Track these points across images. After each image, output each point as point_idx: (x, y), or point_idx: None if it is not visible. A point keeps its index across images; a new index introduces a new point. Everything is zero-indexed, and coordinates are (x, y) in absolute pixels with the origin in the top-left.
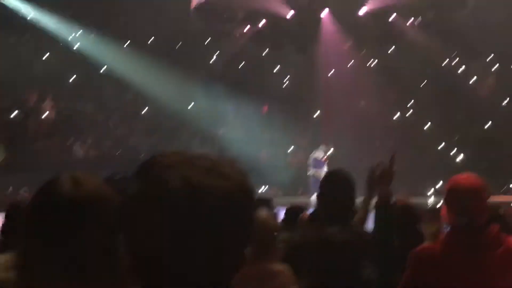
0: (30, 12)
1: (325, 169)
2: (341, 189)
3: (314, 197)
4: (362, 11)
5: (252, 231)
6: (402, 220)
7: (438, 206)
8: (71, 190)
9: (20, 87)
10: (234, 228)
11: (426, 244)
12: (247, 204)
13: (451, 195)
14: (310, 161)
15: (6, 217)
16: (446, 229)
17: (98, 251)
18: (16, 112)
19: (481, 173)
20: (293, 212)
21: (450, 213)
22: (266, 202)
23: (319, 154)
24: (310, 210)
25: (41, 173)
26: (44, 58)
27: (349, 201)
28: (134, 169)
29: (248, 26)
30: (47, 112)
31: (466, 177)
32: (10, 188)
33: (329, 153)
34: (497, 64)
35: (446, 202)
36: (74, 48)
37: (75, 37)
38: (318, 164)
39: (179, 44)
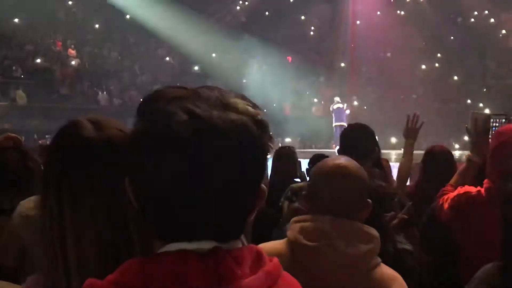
0: None
1: (345, 120)
2: (361, 142)
3: (337, 149)
4: None
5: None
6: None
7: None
8: (93, 132)
9: (45, 34)
10: (247, 164)
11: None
12: (261, 138)
13: (503, 151)
14: (332, 112)
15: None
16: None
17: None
18: (40, 58)
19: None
20: (319, 160)
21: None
22: (289, 152)
23: (339, 105)
24: None
25: (65, 120)
26: (68, 4)
27: (370, 152)
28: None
29: None
30: (71, 58)
31: None
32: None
33: (354, 104)
34: None
35: (493, 158)
36: None
37: None
38: (340, 114)
39: None
